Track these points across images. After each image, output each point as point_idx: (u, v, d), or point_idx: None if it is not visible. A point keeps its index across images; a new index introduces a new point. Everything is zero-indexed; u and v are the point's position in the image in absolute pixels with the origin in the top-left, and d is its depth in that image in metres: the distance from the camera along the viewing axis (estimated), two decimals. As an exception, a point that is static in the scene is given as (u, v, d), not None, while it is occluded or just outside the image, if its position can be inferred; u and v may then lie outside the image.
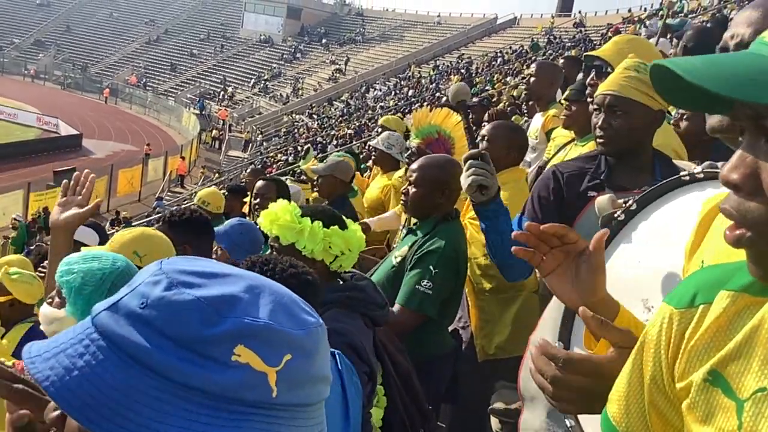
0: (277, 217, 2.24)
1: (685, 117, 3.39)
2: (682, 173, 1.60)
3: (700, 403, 0.85)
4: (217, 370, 0.66)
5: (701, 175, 1.51)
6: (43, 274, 3.55)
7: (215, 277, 0.72)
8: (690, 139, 3.19)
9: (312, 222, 2.22)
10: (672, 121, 3.43)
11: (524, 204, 2.59)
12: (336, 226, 2.25)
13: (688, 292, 0.92)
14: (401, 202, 3.15)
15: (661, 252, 1.60)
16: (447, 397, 3.20)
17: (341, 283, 2.31)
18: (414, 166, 3.11)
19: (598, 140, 2.36)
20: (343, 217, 2.35)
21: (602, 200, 1.84)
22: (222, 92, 50.84)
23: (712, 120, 1.39)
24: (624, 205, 1.72)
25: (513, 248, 1.39)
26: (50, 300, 2.08)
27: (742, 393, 0.80)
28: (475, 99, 10.81)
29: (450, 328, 3.24)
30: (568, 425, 1.56)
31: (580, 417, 1.61)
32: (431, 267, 2.84)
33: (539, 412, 2.33)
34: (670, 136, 3.11)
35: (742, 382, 0.81)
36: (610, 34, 27.27)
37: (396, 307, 2.84)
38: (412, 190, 3.03)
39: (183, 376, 0.66)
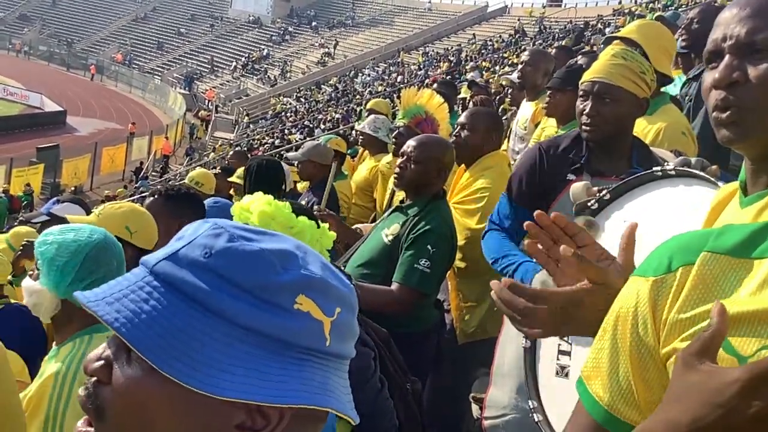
0: (274, 216, 2.23)
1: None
2: (654, 168, 1.63)
3: None
4: (282, 315, 0.72)
5: (673, 173, 1.54)
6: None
7: (266, 234, 0.77)
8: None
9: (308, 221, 2.24)
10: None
11: (508, 182, 2.61)
12: (324, 226, 2.29)
13: (663, 259, 0.93)
14: (394, 176, 3.14)
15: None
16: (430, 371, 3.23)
17: None
18: (413, 142, 3.10)
19: (583, 127, 2.35)
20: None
21: (577, 187, 1.88)
22: (233, 62, 49.84)
23: None
24: (598, 194, 1.76)
25: (526, 243, 1.31)
26: (31, 273, 2.08)
27: (745, 350, 0.82)
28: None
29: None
30: (531, 406, 1.61)
31: (543, 396, 1.67)
32: (429, 246, 2.87)
33: (508, 389, 2.39)
34: (678, 116, 3.12)
35: (744, 340, 0.83)
36: (600, 25, 27.30)
37: (394, 286, 2.87)
38: (411, 166, 3.03)
39: (249, 319, 0.71)
